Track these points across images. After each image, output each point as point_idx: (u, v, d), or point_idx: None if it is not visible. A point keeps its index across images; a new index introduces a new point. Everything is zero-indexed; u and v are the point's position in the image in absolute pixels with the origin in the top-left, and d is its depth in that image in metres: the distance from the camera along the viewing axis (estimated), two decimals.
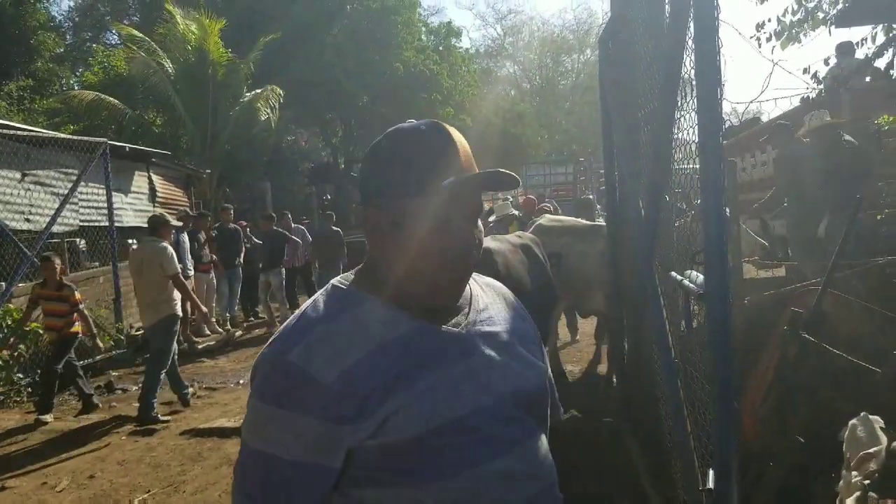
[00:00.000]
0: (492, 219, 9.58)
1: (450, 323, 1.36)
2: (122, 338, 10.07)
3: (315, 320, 1.30)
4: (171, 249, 7.48)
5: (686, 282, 2.68)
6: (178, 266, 7.48)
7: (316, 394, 1.20)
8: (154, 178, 14.11)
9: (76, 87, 23.95)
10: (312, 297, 1.38)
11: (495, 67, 50.65)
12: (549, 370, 1.57)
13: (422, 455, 1.24)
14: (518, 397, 1.36)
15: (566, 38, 50.33)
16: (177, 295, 7.32)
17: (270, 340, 1.31)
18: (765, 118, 11.11)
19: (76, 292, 7.56)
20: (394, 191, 1.30)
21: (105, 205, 10.84)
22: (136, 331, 10.74)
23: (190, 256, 10.84)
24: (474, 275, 1.50)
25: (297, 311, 1.35)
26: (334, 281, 1.41)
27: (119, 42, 26.75)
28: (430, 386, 1.26)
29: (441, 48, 29.42)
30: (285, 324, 1.33)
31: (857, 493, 2.83)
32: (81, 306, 7.52)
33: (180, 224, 11.17)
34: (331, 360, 1.23)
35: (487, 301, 1.48)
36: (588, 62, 46.85)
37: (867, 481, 2.82)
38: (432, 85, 26.50)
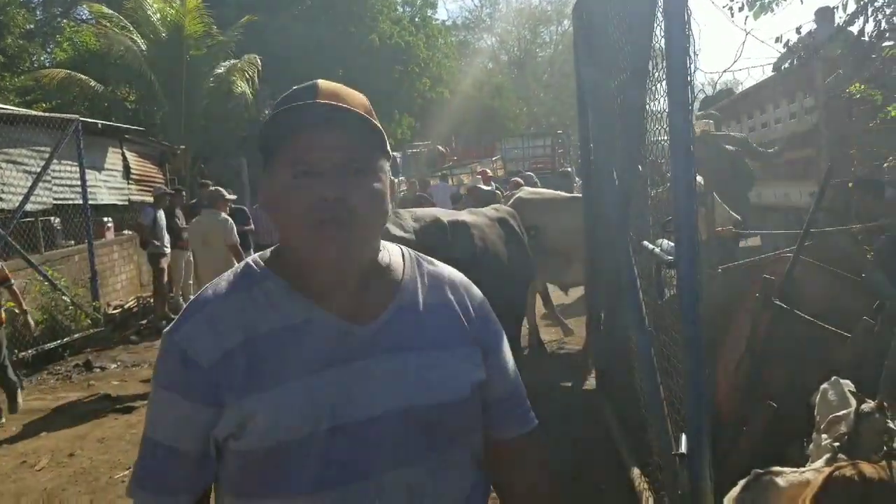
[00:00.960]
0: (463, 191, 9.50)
1: (357, 317, 1.22)
2: (100, 316, 10.00)
3: (209, 298, 1.23)
4: (230, 221, 8.29)
5: (657, 250, 2.71)
6: (237, 237, 8.29)
7: (193, 376, 1.16)
8: (128, 154, 13.93)
9: (47, 64, 23.54)
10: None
11: (473, 39, 50.36)
12: (506, 377, 1.37)
13: (283, 466, 1.15)
14: (413, 413, 1.19)
15: (544, 9, 50.11)
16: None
17: None
18: (741, 88, 11.15)
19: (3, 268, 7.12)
20: (262, 153, 1.24)
21: (79, 182, 10.71)
22: (114, 309, 10.69)
23: (167, 233, 10.74)
24: (423, 260, 1.37)
25: (206, 287, 1.28)
26: (250, 258, 1.32)
27: (90, 17, 26.27)
28: (306, 387, 1.15)
29: (417, 19, 29.17)
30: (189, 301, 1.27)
31: (827, 455, 2.89)
32: (12, 282, 7.10)
33: (152, 200, 11.06)
34: (211, 344, 1.16)
35: (419, 297, 1.30)
36: (566, 34, 46.64)
37: (837, 443, 2.88)
38: (409, 57, 26.32)
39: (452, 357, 1.26)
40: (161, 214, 10.65)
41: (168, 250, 10.75)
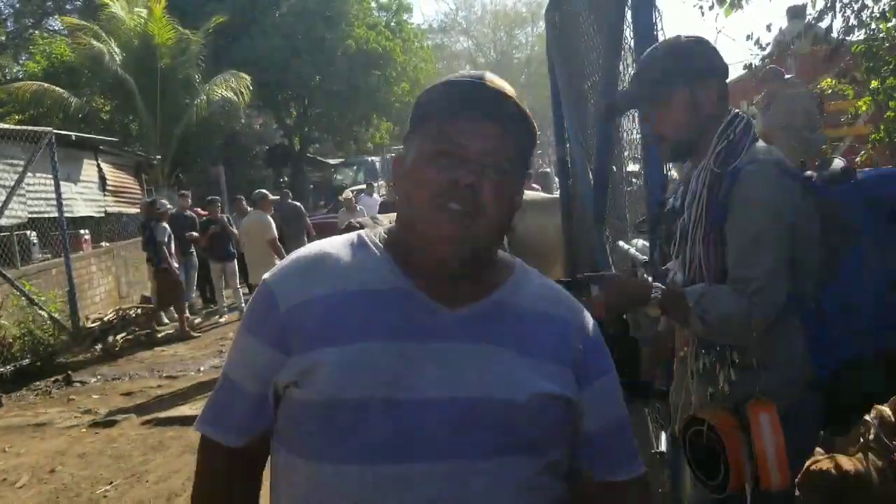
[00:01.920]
0: None
1: (447, 300, 1.18)
2: (79, 330, 9.90)
3: (311, 250, 1.25)
4: (269, 219, 9.68)
5: (632, 250, 2.72)
6: (275, 233, 9.62)
7: (272, 317, 1.17)
8: (103, 165, 13.82)
9: (20, 76, 23.29)
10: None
11: (449, 42, 50.47)
12: (605, 411, 1.27)
13: (337, 428, 1.11)
14: (482, 408, 1.12)
15: (519, 11, 50.30)
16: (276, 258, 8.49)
17: None
18: None
19: None
20: (411, 126, 1.24)
21: (54, 195, 10.60)
22: (93, 322, 10.58)
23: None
24: (534, 274, 1.31)
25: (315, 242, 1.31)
26: (364, 230, 1.30)
27: (63, 28, 26.05)
28: (372, 351, 1.12)
29: (393, 24, 29.14)
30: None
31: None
32: None
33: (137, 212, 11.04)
34: (296, 289, 1.18)
35: (523, 298, 1.24)
36: (542, 35, 46.69)
37: None
38: (385, 62, 26.25)
39: (541, 365, 1.18)
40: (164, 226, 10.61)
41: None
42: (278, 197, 12.69)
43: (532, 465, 1.17)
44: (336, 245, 1.25)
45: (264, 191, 10.47)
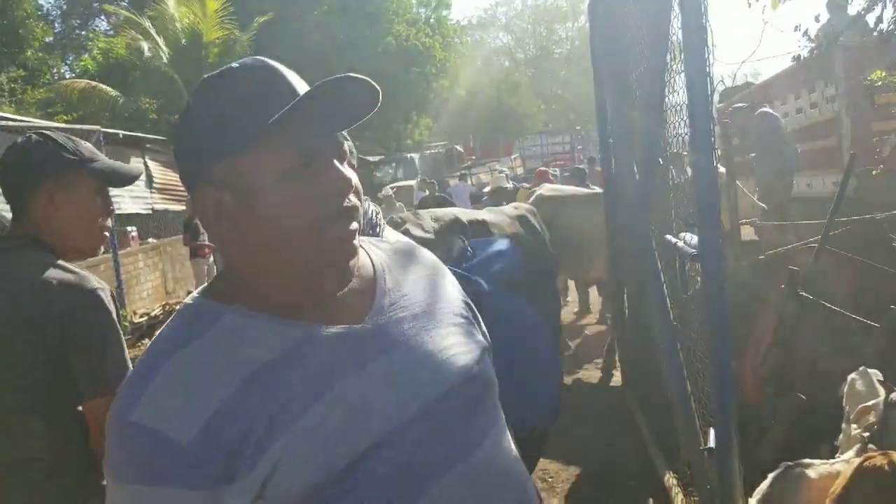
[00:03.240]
0: (486, 189, 9.59)
1: (347, 318, 1.04)
2: (127, 325, 10.10)
3: (160, 358, 0.97)
4: None
5: (681, 244, 2.70)
6: None
7: (178, 458, 0.91)
8: (150, 163, 14.07)
9: (67, 76, 23.81)
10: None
11: (489, 38, 50.35)
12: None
13: (334, 501, 0.96)
14: (451, 397, 1.05)
15: (559, 6, 49.93)
16: None
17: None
18: (762, 79, 11.05)
19: None
20: (221, 152, 0.98)
21: None
22: (140, 317, 10.80)
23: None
24: (371, 239, 1.22)
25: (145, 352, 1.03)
26: (187, 299, 1.08)
27: (108, 28, 26.55)
28: (326, 415, 0.96)
29: (433, 20, 29.19)
30: (129, 373, 1.04)
31: (858, 446, 2.86)
32: None
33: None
34: (186, 412, 0.93)
35: (397, 276, 1.15)
36: (582, 29, 46.50)
37: (867, 434, 2.85)
38: (425, 58, 26.32)
39: (456, 328, 1.14)
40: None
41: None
42: None
43: (500, 428, 1.14)
44: (175, 339, 1.00)
45: None
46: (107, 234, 2.04)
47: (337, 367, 1.00)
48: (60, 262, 1.84)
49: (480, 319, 1.26)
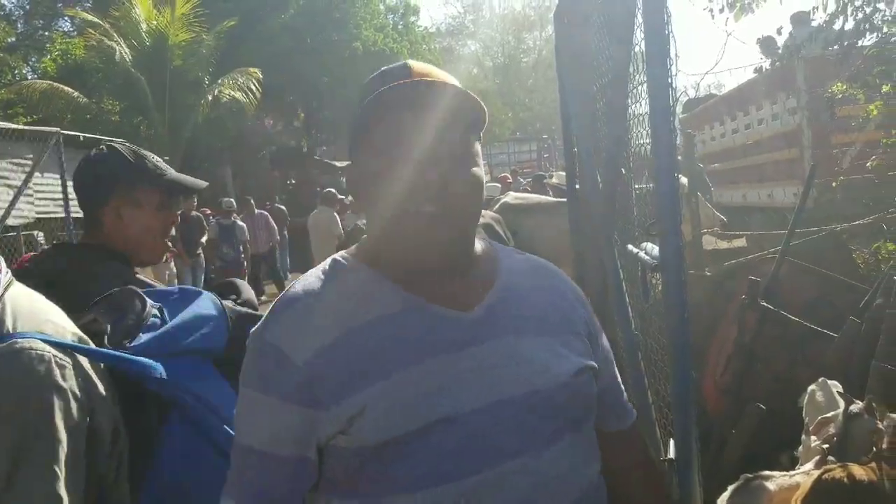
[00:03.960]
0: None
1: (458, 303, 1.16)
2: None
3: (299, 295, 1.17)
4: (335, 215, 10.44)
5: (642, 254, 2.69)
6: (341, 230, 10.12)
7: (290, 375, 1.09)
8: None
9: (29, 77, 23.38)
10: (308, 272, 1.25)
11: (457, 46, 50.44)
12: (608, 367, 1.33)
13: (399, 460, 1.08)
14: (535, 399, 1.14)
15: (527, 15, 50.25)
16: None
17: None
18: (725, 90, 11.20)
19: None
20: (352, 137, 1.20)
21: (62, 195, 10.61)
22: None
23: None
24: (513, 251, 1.33)
25: (292, 284, 1.23)
26: (337, 254, 1.27)
27: (72, 29, 26.12)
28: (415, 377, 1.09)
29: (401, 26, 29.15)
30: (276, 299, 1.21)
31: (817, 458, 2.87)
32: None
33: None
34: (307, 339, 1.11)
35: (520, 280, 1.25)
36: (550, 39, 46.72)
37: (826, 446, 2.87)
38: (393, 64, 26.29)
39: (563, 341, 1.21)
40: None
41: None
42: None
43: (583, 439, 1.21)
44: (321, 280, 1.19)
45: (332, 189, 11.31)
46: (169, 244, 2.10)
47: (434, 342, 1.12)
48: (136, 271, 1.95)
49: (600, 340, 1.32)
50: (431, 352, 1.11)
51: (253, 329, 1.17)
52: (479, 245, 1.27)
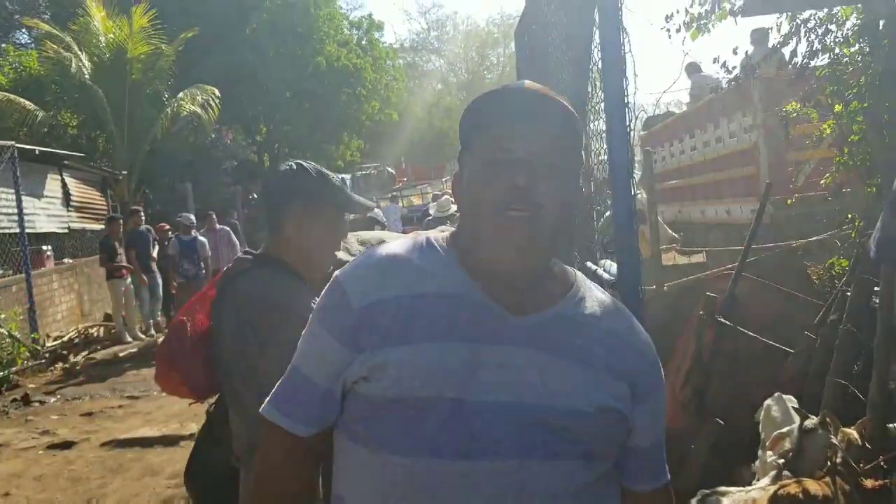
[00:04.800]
0: (432, 212, 9.60)
1: (513, 306, 1.21)
2: (39, 348, 9.68)
3: (381, 252, 1.29)
4: None
5: (600, 271, 2.70)
6: None
7: (344, 315, 1.22)
8: (68, 181, 13.59)
9: None
10: None
11: (421, 62, 50.60)
12: (654, 429, 1.32)
13: (402, 422, 1.16)
14: (548, 414, 1.16)
15: (491, 31, 50.58)
16: None
17: None
18: (684, 106, 11.36)
19: None
20: (461, 143, 1.29)
21: (16, 210, 10.39)
22: (54, 341, 10.37)
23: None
24: (593, 286, 1.34)
25: (384, 244, 1.34)
26: (430, 233, 1.36)
27: (30, 41, 25.69)
28: (443, 351, 1.16)
29: (364, 42, 29.16)
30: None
31: (773, 473, 2.90)
32: None
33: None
34: (370, 288, 1.22)
35: (584, 311, 1.26)
36: (513, 55, 47.08)
37: (782, 460, 2.90)
38: (356, 79, 26.19)
39: (599, 377, 1.22)
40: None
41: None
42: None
43: (588, 474, 1.21)
44: (406, 247, 1.29)
45: None
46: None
47: (474, 329, 1.18)
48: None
49: (650, 401, 1.30)
50: (467, 337, 1.18)
51: (337, 271, 1.31)
52: (558, 267, 1.32)
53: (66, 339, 10.65)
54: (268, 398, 1.33)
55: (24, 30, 27.47)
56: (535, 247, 1.19)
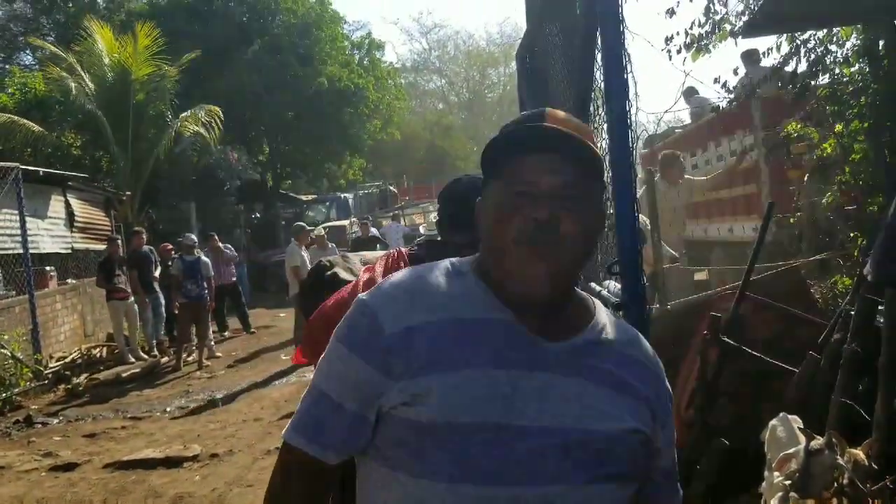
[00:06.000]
0: (422, 230, 9.59)
1: (545, 332, 1.23)
2: (42, 369, 9.67)
3: (411, 276, 1.30)
4: (297, 248, 11.22)
5: (604, 292, 2.71)
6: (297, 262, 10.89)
7: (376, 340, 1.20)
8: (72, 201, 13.65)
9: None
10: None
11: (422, 81, 50.87)
12: (669, 453, 1.37)
13: (443, 446, 1.16)
14: (586, 438, 1.20)
15: (491, 51, 50.87)
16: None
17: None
18: (685, 125, 11.39)
19: None
20: (484, 174, 1.30)
21: (20, 231, 10.42)
22: (57, 361, 10.36)
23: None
24: (608, 312, 1.37)
25: (409, 269, 1.35)
26: (453, 259, 1.36)
27: (34, 62, 25.85)
28: (487, 378, 1.17)
29: (366, 62, 29.32)
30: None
31: (780, 494, 2.88)
32: None
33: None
34: (402, 313, 1.22)
35: (610, 337, 1.30)
36: (513, 75, 47.22)
37: (788, 482, 2.88)
38: (358, 99, 26.32)
39: (627, 402, 1.26)
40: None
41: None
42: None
43: (621, 495, 1.25)
44: (434, 272, 1.30)
45: (300, 223, 12.50)
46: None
47: (511, 356, 1.20)
48: None
49: (666, 427, 1.34)
50: (505, 364, 1.19)
51: (361, 294, 1.30)
52: (578, 293, 1.34)
53: (68, 359, 10.65)
54: (290, 424, 1.30)
55: (28, 51, 27.68)
56: (560, 277, 1.21)
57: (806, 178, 5.79)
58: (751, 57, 7.09)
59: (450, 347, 1.19)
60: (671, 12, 5.20)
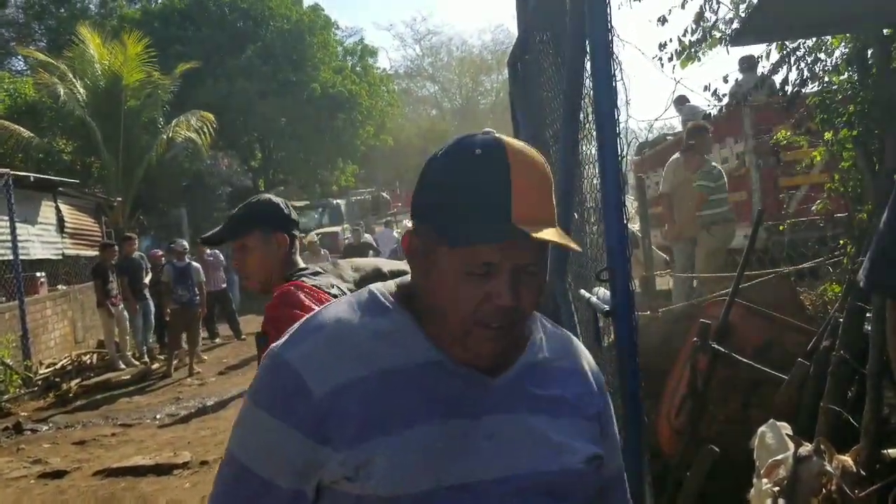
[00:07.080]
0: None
1: (492, 369, 1.15)
2: (31, 376, 9.62)
3: (328, 321, 1.14)
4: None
5: (594, 299, 2.71)
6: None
7: (306, 406, 1.06)
8: (62, 207, 13.59)
9: None
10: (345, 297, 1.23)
11: (415, 87, 50.90)
12: (615, 457, 1.33)
13: None
14: (544, 479, 1.14)
15: (485, 58, 50.94)
16: None
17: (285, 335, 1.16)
18: (676, 131, 11.43)
19: None
20: (428, 222, 1.11)
21: (9, 237, 10.38)
22: (46, 368, 10.31)
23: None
24: (544, 320, 1.30)
25: (322, 307, 1.20)
26: (374, 286, 1.21)
27: (25, 68, 25.82)
28: (432, 437, 1.07)
29: (359, 68, 29.36)
30: (303, 319, 1.17)
31: (769, 501, 2.89)
32: None
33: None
34: (330, 370, 1.07)
35: (546, 355, 1.23)
36: (506, 81, 47.30)
37: (777, 488, 2.89)
38: (351, 105, 26.35)
39: (576, 425, 1.20)
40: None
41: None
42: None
43: None
44: (353, 310, 1.16)
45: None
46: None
47: (455, 404, 1.11)
48: None
49: (610, 429, 1.31)
50: (450, 414, 1.10)
51: (273, 345, 1.13)
52: None
53: (58, 366, 10.60)
54: (209, 499, 1.16)
55: (19, 56, 27.62)
56: (513, 342, 1.16)
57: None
58: (746, 63, 7.14)
59: (386, 406, 1.07)
60: (663, 20, 5.22)
